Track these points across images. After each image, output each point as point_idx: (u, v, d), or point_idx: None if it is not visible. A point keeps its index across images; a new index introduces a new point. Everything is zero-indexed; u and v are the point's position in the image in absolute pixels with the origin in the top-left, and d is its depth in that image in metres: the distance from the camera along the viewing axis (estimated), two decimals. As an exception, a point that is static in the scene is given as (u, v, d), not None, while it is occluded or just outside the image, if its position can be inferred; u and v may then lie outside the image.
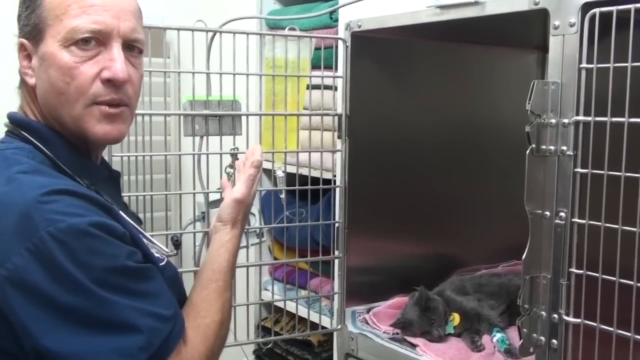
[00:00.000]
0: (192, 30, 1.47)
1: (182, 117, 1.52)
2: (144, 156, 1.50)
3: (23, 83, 1.09)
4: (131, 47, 1.07)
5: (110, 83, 1.03)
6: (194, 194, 1.58)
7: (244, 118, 1.59)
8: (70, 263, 0.91)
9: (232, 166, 1.58)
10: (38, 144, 1.04)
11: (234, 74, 1.54)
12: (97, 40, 1.02)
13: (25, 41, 1.05)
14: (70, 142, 1.07)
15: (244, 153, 1.58)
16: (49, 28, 1.02)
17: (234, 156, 1.58)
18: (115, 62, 1.03)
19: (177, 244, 1.74)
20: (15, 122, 1.08)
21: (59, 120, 1.06)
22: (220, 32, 1.53)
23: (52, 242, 0.90)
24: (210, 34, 1.52)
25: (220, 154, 1.56)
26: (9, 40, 1.11)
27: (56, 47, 1.01)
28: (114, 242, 0.96)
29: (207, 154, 1.55)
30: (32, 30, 1.04)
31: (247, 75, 1.57)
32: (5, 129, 1.10)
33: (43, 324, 0.91)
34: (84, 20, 1.01)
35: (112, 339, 0.93)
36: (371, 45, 1.69)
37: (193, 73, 1.50)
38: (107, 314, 0.93)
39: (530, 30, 1.66)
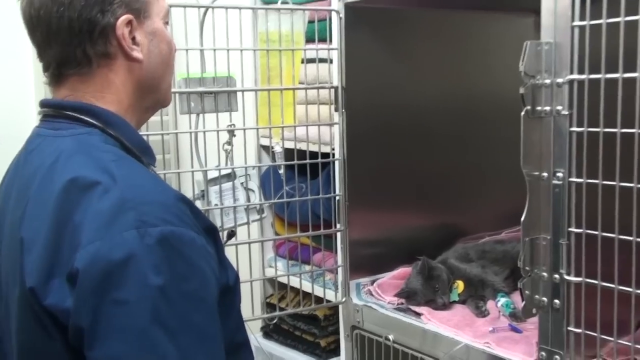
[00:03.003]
0: (184, 6, 1.46)
1: (177, 95, 1.52)
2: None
3: (111, 63, 1.05)
4: None
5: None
6: (192, 172, 1.58)
7: (239, 94, 1.58)
8: None
9: (229, 143, 1.58)
10: (102, 126, 1.04)
11: (228, 50, 1.53)
12: None
13: (132, 17, 1.05)
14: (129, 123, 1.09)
15: (241, 129, 1.59)
16: (152, 6, 1.08)
17: (231, 133, 1.58)
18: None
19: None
20: (69, 107, 1.05)
21: (155, 90, 1.12)
22: (213, 8, 1.52)
23: None
24: (202, 10, 1.51)
25: (217, 131, 1.56)
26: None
27: (161, 24, 1.10)
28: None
29: (204, 132, 1.55)
30: (141, 6, 1.06)
31: (241, 50, 1.56)
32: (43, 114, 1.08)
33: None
34: (165, 1, 1.12)
35: None
36: (365, 16, 1.68)
37: (186, 50, 1.49)
38: None
39: (524, -6, 1.65)
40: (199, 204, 1.61)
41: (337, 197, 1.71)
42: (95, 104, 1.05)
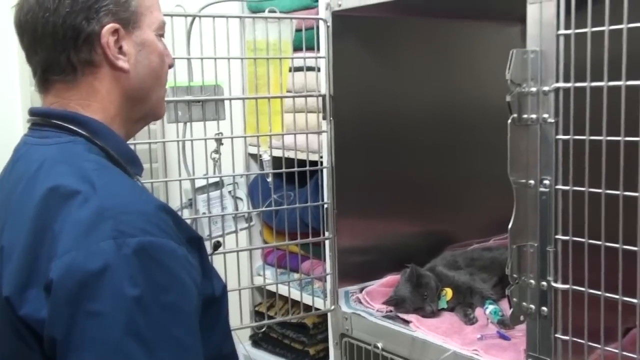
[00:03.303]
0: (171, 15, 1.46)
1: (164, 103, 1.51)
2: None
3: (95, 71, 1.04)
4: None
5: (169, 69, 1.16)
6: (180, 181, 1.57)
7: (227, 102, 1.58)
8: None
9: (217, 151, 1.58)
10: (88, 135, 1.04)
11: (215, 59, 1.53)
12: None
13: (119, 26, 1.04)
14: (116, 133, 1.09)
15: (228, 138, 1.59)
16: (144, 17, 1.07)
17: (219, 141, 1.58)
18: (169, 51, 1.15)
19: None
20: (54, 116, 1.05)
21: (144, 102, 1.10)
22: (200, 17, 1.52)
23: None
24: (189, 19, 1.51)
25: (205, 140, 1.56)
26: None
27: (153, 35, 1.09)
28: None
29: (192, 140, 1.55)
30: (129, 16, 1.05)
31: (229, 59, 1.56)
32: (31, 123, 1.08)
33: None
34: (161, 15, 1.12)
35: None
36: (353, 25, 1.68)
37: (174, 59, 1.49)
38: None
39: (511, 2, 1.65)
40: (186, 212, 1.61)
41: (326, 205, 1.71)
42: (81, 113, 1.04)
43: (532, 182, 1.17)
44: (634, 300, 1.05)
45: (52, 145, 1.02)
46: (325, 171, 1.71)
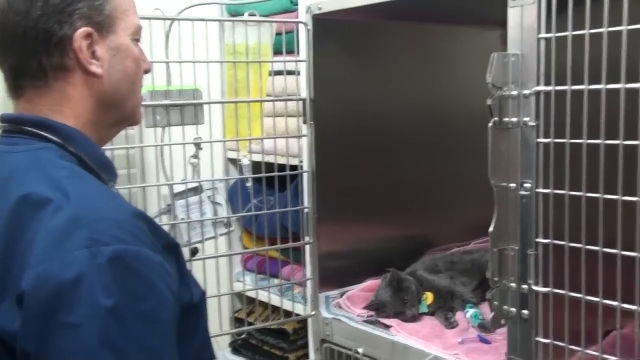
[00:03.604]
0: (149, 18, 1.45)
1: (142, 108, 1.49)
2: (104, 151, 1.47)
3: (68, 76, 1.02)
4: None
5: (145, 74, 1.13)
6: (158, 186, 1.56)
7: (206, 107, 1.57)
8: None
9: (196, 156, 1.56)
10: (60, 142, 1.01)
11: (194, 62, 1.52)
12: None
13: (92, 30, 1.01)
14: (91, 139, 1.06)
15: (207, 142, 1.57)
16: (119, 21, 1.05)
17: (198, 146, 1.56)
18: (146, 56, 1.13)
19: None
20: (26, 122, 1.02)
21: (119, 107, 1.08)
22: (179, 20, 1.50)
23: None
24: (168, 22, 1.50)
25: (184, 144, 1.54)
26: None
27: (128, 40, 1.06)
28: None
29: (170, 145, 1.53)
30: (103, 20, 1.03)
31: (208, 62, 1.55)
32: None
33: None
34: (137, 19, 1.09)
35: None
36: (333, 28, 1.68)
37: (151, 62, 1.47)
38: None
39: (491, 6, 1.65)
40: (165, 218, 1.59)
41: (306, 210, 1.71)
42: (53, 119, 1.02)
43: (513, 185, 1.17)
44: (614, 303, 1.05)
45: (22, 153, 0.99)
46: (305, 175, 1.71)
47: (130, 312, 0.86)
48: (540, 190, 1.13)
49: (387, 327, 1.55)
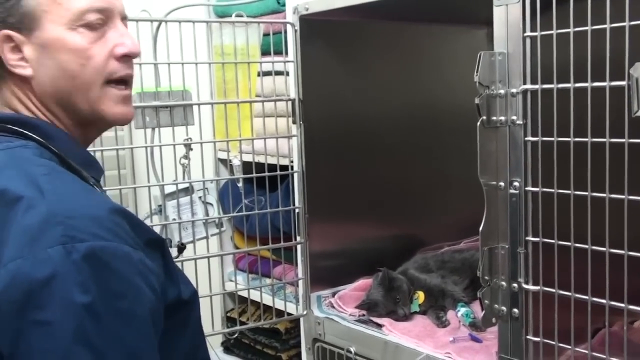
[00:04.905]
0: (137, 20, 1.44)
1: (131, 109, 1.49)
2: (94, 152, 1.47)
3: (7, 78, 1.02)
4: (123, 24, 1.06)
5: (125, 58, 1.03)
6: (149, 187, 1.55)
7: (195, 108, 1.57)
8: None
9: (186, 157, 1.56)
10: (41, 139, 1.00)
11: (182, 64, 1.52)
12: (102, 19, 1.01)
13: (11, 32, 0.99)
14: (70, 135, 1.04)
15: (197, 143, 1.57)
16: (46, 14, 0.99)
17: (188, 146, 1.56)
18: (126, 37, 1.03)
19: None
20: (6, 120, 1.02)
21: (71, 106, 1.02)
22: (166, 22, 1.50)
23: None
24: (155, 24, 1.49)
25: (174, 145, 1.54)
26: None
27: (62, 31, 0.99)
28: None
29: (160, 146, 1.53)
30: (21, 19, 0.99)
31: (196, 64, 1.55)
32: None
33: None
34: (83, 2, 0.99)
35: None
36: (321, 29, 1.68)
37: (140, 64, 1.47)
38: None
39: (477, 5, 1.66)
40: (156, 219, 1.59)
41: (297, 210, 1.71)
42: (30, 116, 1.02)
43: (502, 184, 1.17)
44: (603, 301, 1.05)
45: (2, 151, 0.98)
46: (296, 175, 1.71)
47: (107, 309, 0.85)
48: (530, 188, 1.14)
49: (379, 326, 1.55)
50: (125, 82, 1.05)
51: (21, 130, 1.00)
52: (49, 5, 0.99)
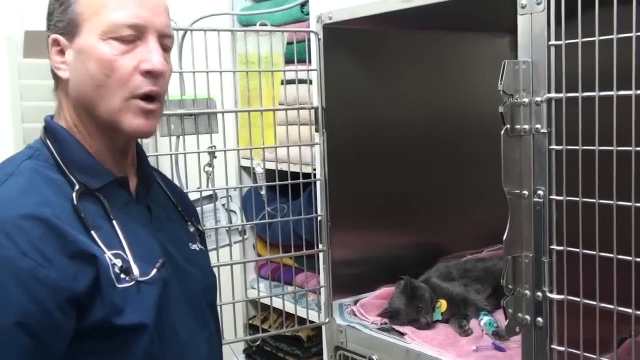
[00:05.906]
0: (162, 29, 1.46)
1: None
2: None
3: (58, 83, 1.11)
4: (163, 43, 1.09)
5: (149, 75, 1.05)
6: (174, 194, 1.56)
7: (219, 115, 1.58)
8: None
9: (210, 164, 1.57)
10: (49, 143, 1.08)
11: (207, 72, 1.53)
12: (134, 34, 1.04)
13: (58, 36, 1.06)
14: (83, 141, 1.09)
15: (221, 151, 1.58)
16: (86, 22, 1.04)
17: (212, 154, 1.57)
18: (153, 54, 1.05)
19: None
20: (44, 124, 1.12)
21: (93, 113, 1.06)
22: (191, 31, 1.52)
23: None
24: (181, 33, 1.51)
25: (198, 153, 1.55)
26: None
27: (95, 40, 1.03)
28: None
29: (185, 154, 1.54)
30: (67, 25, 1.05)
31: (221, 72, 1.56)
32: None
33: None
34: (123, 15, 1.03)
35: None
36: (344, 37, 1.69)
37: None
38: None
39: (500, 13, 1.66)
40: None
41: (319, 217, 1.71)
42: (54, 120, 1.11)
43: (526, 192, 1.17)
44: (629, 310, 1.04)
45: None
46: (318, 183, 1.71)
47: None
48: (554, 197, 1.13)
49: (401, 334, 1.55)
50: (152, 97, 1.07)
51: (44, 132, 1.10)
52: (90, 15, 1.04)
